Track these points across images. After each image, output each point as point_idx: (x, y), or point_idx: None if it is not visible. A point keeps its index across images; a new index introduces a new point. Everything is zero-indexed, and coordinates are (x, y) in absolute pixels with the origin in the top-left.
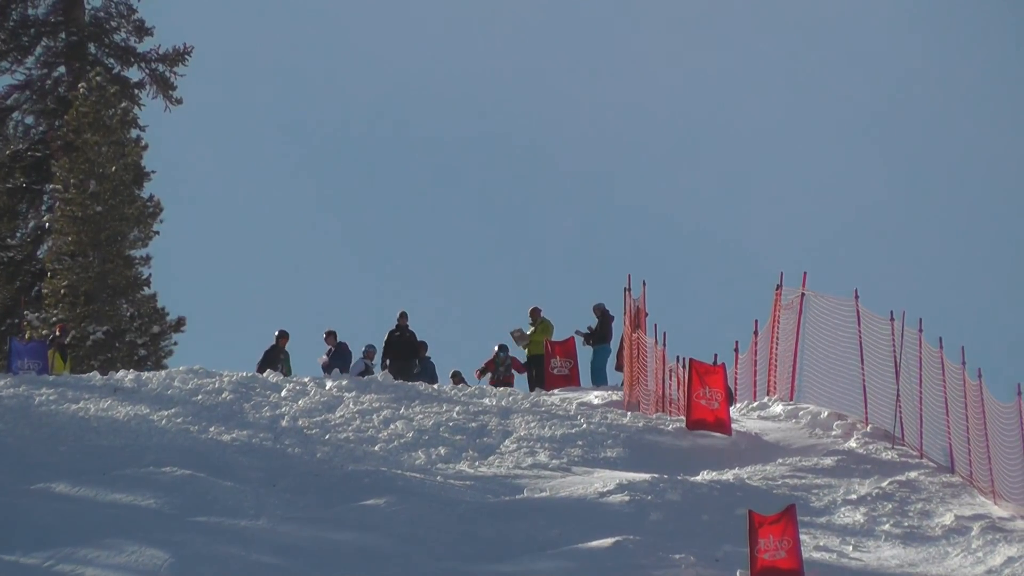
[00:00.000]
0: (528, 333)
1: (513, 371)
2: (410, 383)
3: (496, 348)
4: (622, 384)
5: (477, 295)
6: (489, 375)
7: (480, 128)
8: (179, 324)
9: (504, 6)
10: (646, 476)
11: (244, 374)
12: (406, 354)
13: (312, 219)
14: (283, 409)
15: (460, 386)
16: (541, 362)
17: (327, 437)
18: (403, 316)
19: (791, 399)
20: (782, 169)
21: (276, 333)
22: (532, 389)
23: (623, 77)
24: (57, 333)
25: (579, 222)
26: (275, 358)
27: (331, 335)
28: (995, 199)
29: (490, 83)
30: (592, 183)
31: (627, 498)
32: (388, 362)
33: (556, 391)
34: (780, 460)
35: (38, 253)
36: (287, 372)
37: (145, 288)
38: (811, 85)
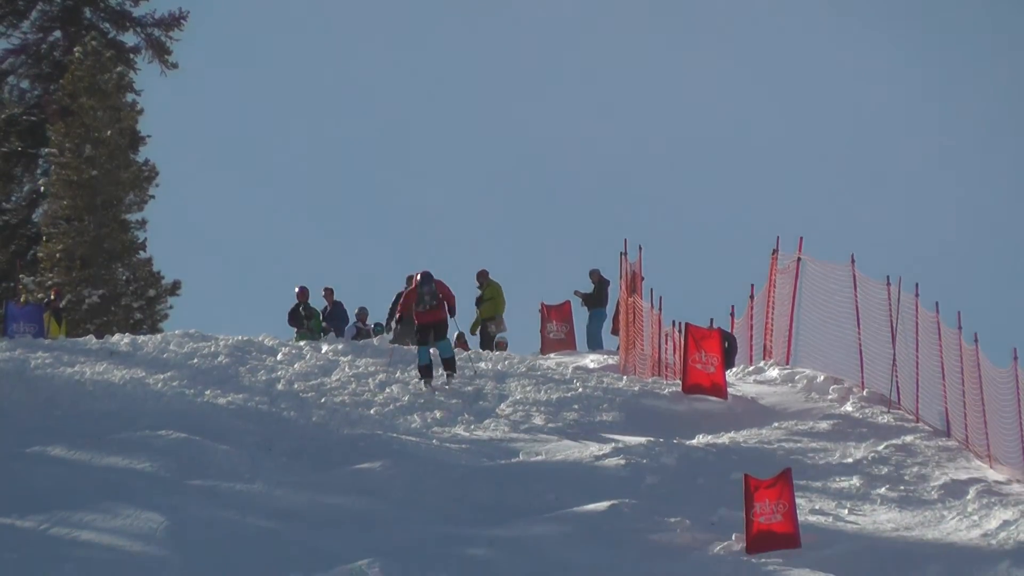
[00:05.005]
0: (480, 294)
1: (443, 299)
2: (406, 347)
3: (419, 277)
4: (618, 348)
5: (472, 260)
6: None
7: (476, 94)
8: (174, 288)
9: None
10: (642, 440)
11: (240, 338)
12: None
13: (308, 182)
14: (279, 373)
15: (457, 349)
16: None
17: (323, 401)
18: (411, 279)
19: (787, 363)
20: (778, 132)
21: (296, 291)
22: (484, 349)
23: (620, 41)
24: (52, 297)
25: (575, 187)
26: (297, 316)
27: (329, 292)
28: (992, 162)
29: (485, 50)
30: (589, 147)
31: (623, 462)
32: (395, 323)
33: (552, 355)
34: (776, 424)
35: (33, 217)
36: (316, 330)
37: (141, 252)
38: (806, 46)
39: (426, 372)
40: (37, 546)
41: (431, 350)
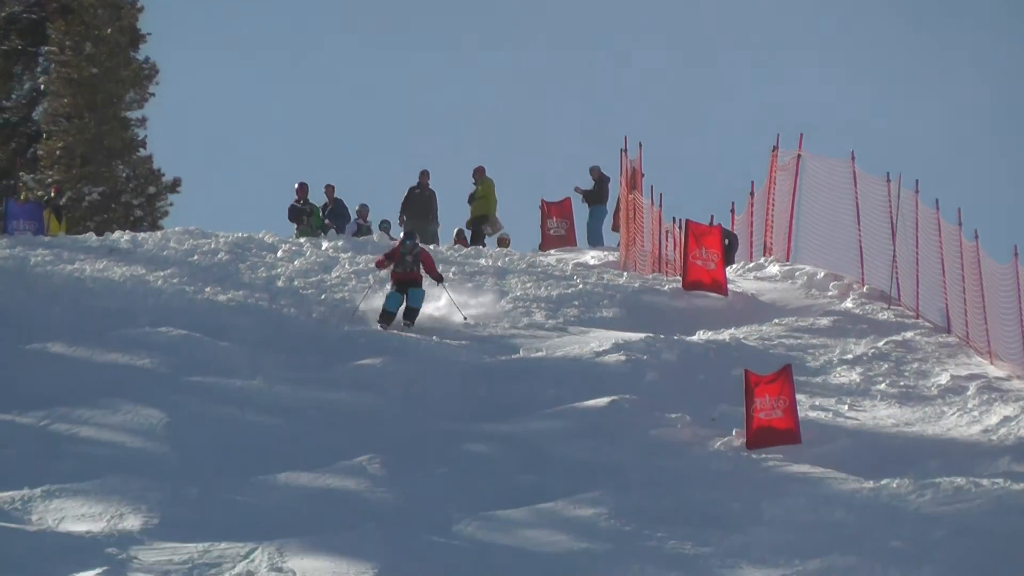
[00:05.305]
0: (473, 191)
1: (422, 266)
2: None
3: (403, 235)
4: (618, 245)
5: (472, 156)
6: (392, 267)
7: None
8: (175, 185)
9: None
10: (642, 336)
11: (240, 234)
12: (424, 212)
13: (308, 78)
14: (279, 270)
15: (458, 246)
16: (483, 223)
17: (323, 298)
18: (424, 175)
19: (787, 260)
20: (780, 28)
21: (295, 187)
22: (475, 245)
23: None
24: (53, 194)
25: (576, 83)
26: (297, 212)
27: (329, 189)
28: (994, 57)
29: None
30: (590, 44)
31: (623, 358)
32: (405, 219)
33: (552, 251)
34: (776, 320)
35: (34, 115)
36: (316, 226)
37: (141, 149)
38: None
39: (387, 317)
40: (37, 442)
41: (402, 303)
